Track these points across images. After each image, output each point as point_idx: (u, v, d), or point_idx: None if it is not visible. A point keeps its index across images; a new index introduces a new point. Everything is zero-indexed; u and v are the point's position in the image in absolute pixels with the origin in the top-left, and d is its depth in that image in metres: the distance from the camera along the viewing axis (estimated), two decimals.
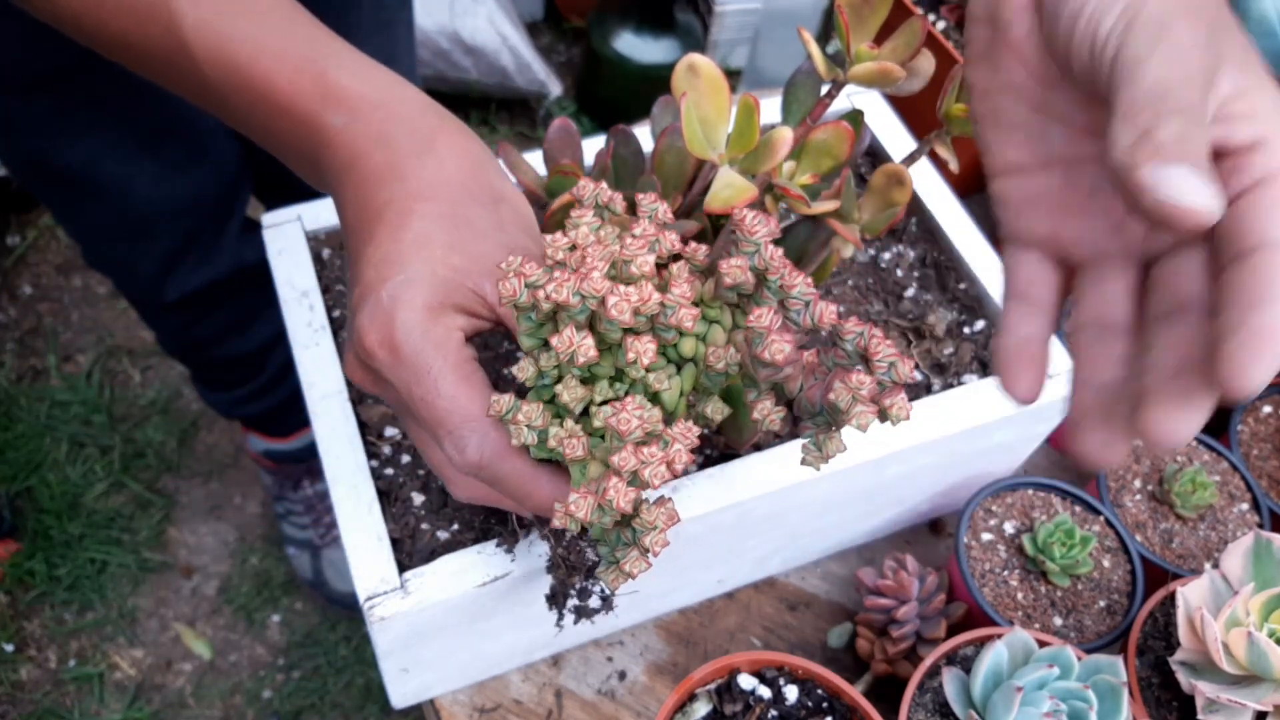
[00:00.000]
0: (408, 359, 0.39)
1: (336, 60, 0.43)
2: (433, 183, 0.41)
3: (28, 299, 1.66)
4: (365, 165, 0.42)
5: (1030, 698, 0.54)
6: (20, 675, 1.35)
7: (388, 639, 0.53)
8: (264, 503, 1.50)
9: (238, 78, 0.42)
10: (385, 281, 0.39)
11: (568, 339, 0.36)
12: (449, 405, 0.39)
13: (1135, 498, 0.70)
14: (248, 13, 0.43)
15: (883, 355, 0.36)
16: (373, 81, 0.43)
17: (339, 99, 0.42)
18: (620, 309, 0.35)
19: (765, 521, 0.60)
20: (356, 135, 0.42)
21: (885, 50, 0.46)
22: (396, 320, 0.39)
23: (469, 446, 0.40)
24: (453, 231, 0.40)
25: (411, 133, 0.42)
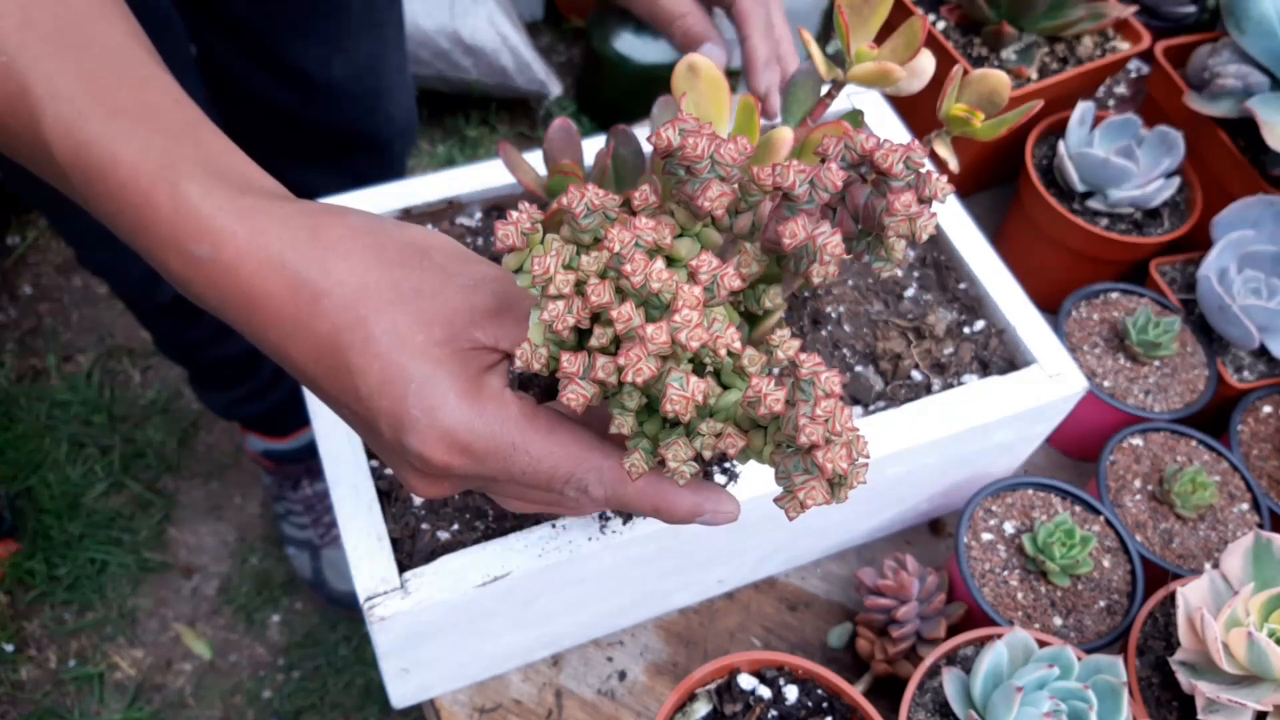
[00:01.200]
0: (486, 451, 0.37)
1: (189, 172, 0.38)
2: (352, 280, 0.37)
3: (28, 299, 1.66)
4: (271, 303, 0.37)
5: (1030, 698, 0.54)
6: (20, 675, 1.35)
7: (388, 639, 0.53)
8: (264, 503, 1.50)
9: (98, 184, 0.38)
10: (404, 401, 0.36)
11: (625, 314, 0.34)
12: (551, 462, 0.38)
13: (1135, 498, 0.70)
14: (105, 110, 0.38)
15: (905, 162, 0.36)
16: (227, 195, 0.38)
17: (195, 224, 0.37)
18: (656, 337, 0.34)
19: (765, 521, 0.60)
20: (235, 271, 0.37)
21: (885, 50, 0.46)
22: (448, 425, 0.36)
23: (590, 486, 0.38)
24: (413, 309, 0.37)
25: (290, 242, 0.37)
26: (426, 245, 0.39)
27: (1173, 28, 0.96)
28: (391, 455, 0.39)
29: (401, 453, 0.38)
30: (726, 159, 0.36)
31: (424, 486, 0.40)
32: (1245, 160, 0.80)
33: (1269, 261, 0.76)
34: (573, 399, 0.34)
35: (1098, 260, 0.81)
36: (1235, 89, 0.78)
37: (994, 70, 0.47)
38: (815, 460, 0.33)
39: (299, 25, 0.90)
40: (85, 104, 0.38)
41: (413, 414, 0.36)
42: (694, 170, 0.36)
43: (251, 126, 1.02)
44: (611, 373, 0.34)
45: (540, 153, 0.56)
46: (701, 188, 0.36)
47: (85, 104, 0.38)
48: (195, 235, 0.37)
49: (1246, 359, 0.78)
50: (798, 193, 0.35)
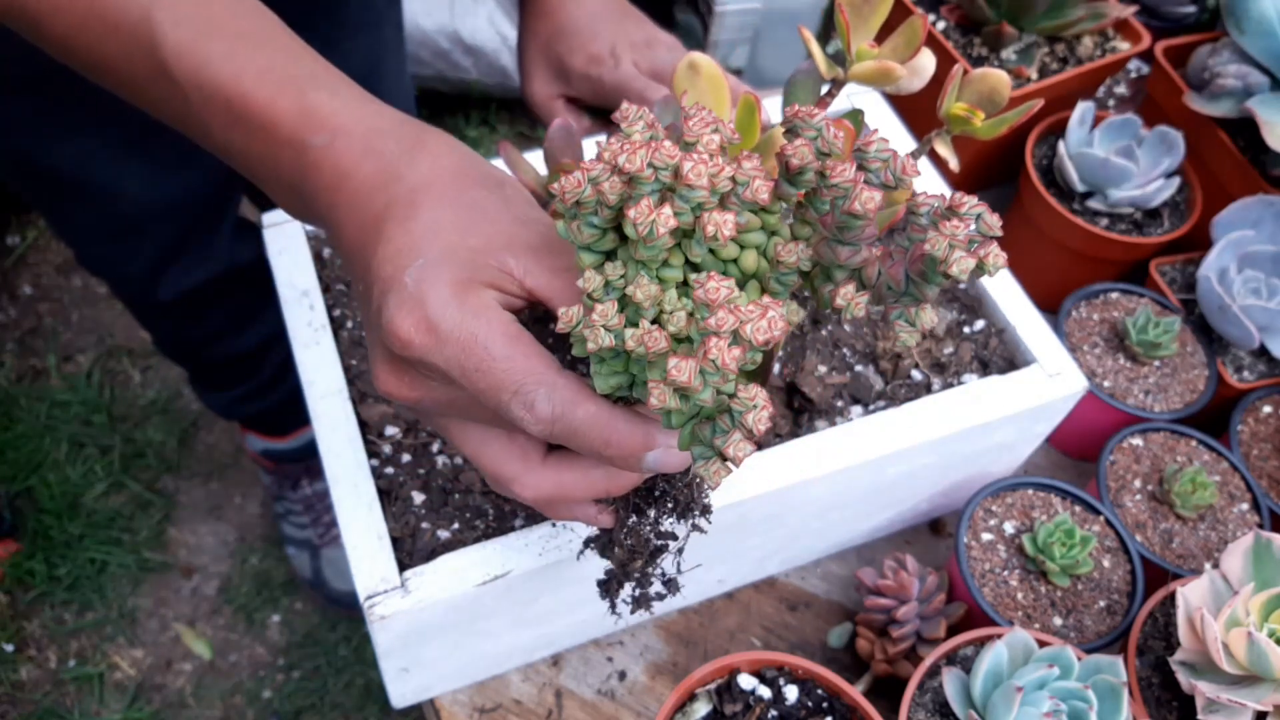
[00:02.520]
0: (450, 334, 0.37)
1: (315, 81, 0.42)
2: (430, 176, 0.40)
3: (28, 299, 1.66)
4: (356, 179, 0.41)
5: (1030, 698, 0.54)
6: (20, 675, 1.35)
7: (388, 638, 0.53)
8: (264, 503, 1.50)
9: (218, 100, 0.41)
10: (403, 270, 0.38)
11: (645, 209, 0.33)
12: (506, 365, 0.37)
13: (1135, 498, 0.70)
14: (228, 33, 0.42)
15: (968, 208, 0.35)
16: (352, 100, 0.42)
17: (320, 119, 0.41)
18: (698, 173, 0.33)
19: (765, 521, 0.60)
20: (341, 153, 0.41)
21: (885, 49, 0.46)
22: (428, 300, 0.37)
23: (538, 401, 0.37)
24: (463, 215, 0.40)
25: (398, 140, 0.41)
26: (503, 180, 0.43)
27: (1173, 28, 0.96)
28: (371, 329, 0.41)
29: (378, 323, 0.39)
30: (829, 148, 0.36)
31: (385, 373, 0.41)
32: (1245, 160, 0.80)
33: (1269, 261, 0.76)
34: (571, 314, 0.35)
35: (1098, 260, 0.81)
36: (1235, 89, 0.78)
37: (994, 70, 0.47)
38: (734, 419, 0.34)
39: (297, 26, 0.89)
40: (206, 28, 0.41)
41: (402, 279, 0.38)
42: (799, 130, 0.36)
43: None
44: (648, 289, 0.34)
45: (540, 152, 0.56)
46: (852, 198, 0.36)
47: (206, 28, 0.41)
48: (317, 127, 0.41)
49: (1246, 359, 0.78)
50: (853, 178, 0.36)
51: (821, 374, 0.62)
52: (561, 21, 0.70)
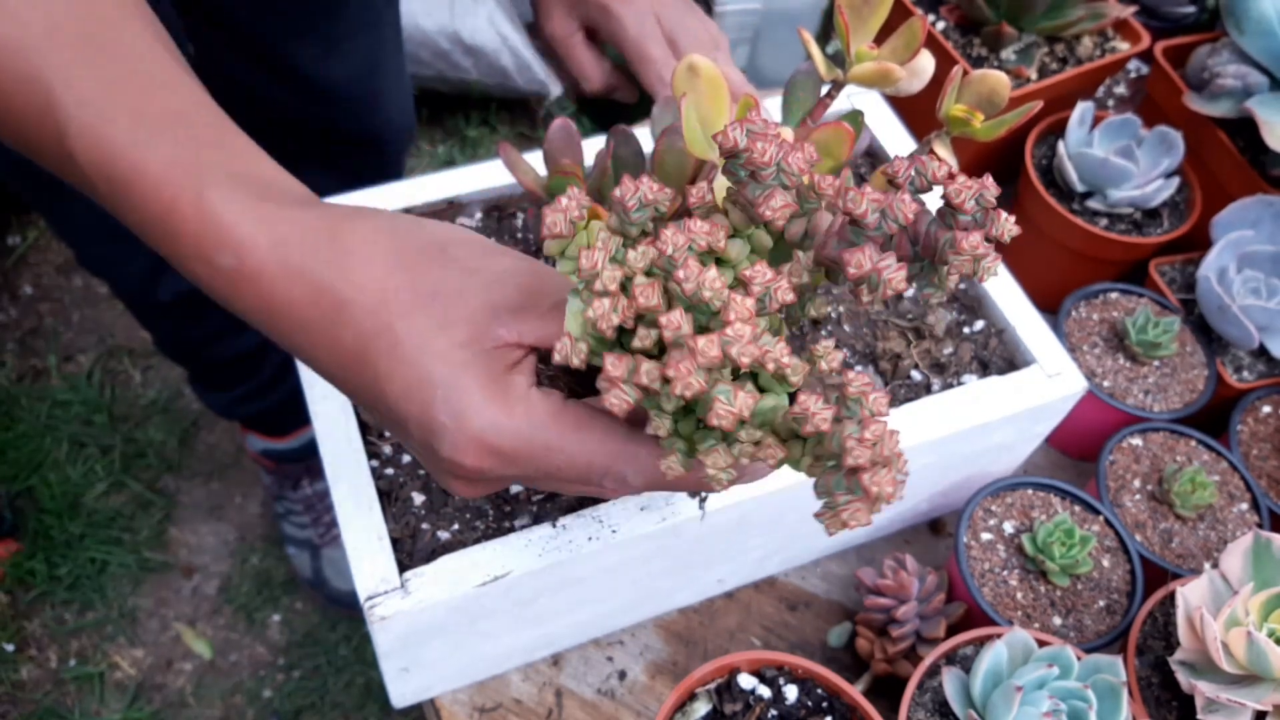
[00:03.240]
0: (517, 451, 0.37)
1: (214, 178, 0.38)
2: (374, 284, 0.37)
3: (28, 299, 1.66)
4: (293, 313, 0.38)
5: (1030, 697, 0.54)
6: (21, 675, 1.35)
7: (388, 638, 0.53)
8: (264, 502, 1.50)
9: (124, 195, 0.38)
10: (431, 407, 0.36)
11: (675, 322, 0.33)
12: (585, 458, 0.37)
13: (1135, 497, 0.70)
14: (131, 114, 0.38)
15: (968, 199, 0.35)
16: (250, 203, 0.38)
17: (220, 232, 0.37)
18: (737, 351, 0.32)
19: (765, 521, 0.60)
20: (256, 279, 0.37)
21: (885, 50, 0.46)
22: (479, 429, 0.36)
23: (628, 477, 0.38)
24: (435, 310, 0.37)
25: (313, 250, 0.37)
26: (446, 242, 0.39)
27: (1172, 28, 0.96)
28: (424, 458, 0.39)
29: (434, 457, 0.38)
30: (793, 168, 0.35)
31: (461, 487, 0.40)
32: (1244, 160, 0.80)
33: (1268, 261, 0.76)
34: (616, 405, 0.33)
35: (1097, 260, 0.81)
36: (1234, 89, 0.78)
37: (993, 70, 0.47)
38: (860, 482, 0.32)
39: (296, 25, 0.90)
40: (111, 111, 0.37)
41: (441, 419, 0.36)
42: (759, 176, 0.35)
43: (249, 126, 1.02)
44: (656, 380, 0.33)
45: (540, 153, 0.56)
46: (765, 195, 0.35)
47: (111, 111, 0.37)
48: (219, 244, 0.37)
49: (1246, 359, 0.78)
50: (868, 221, 0.34)
51: None
52: None
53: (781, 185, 0.35)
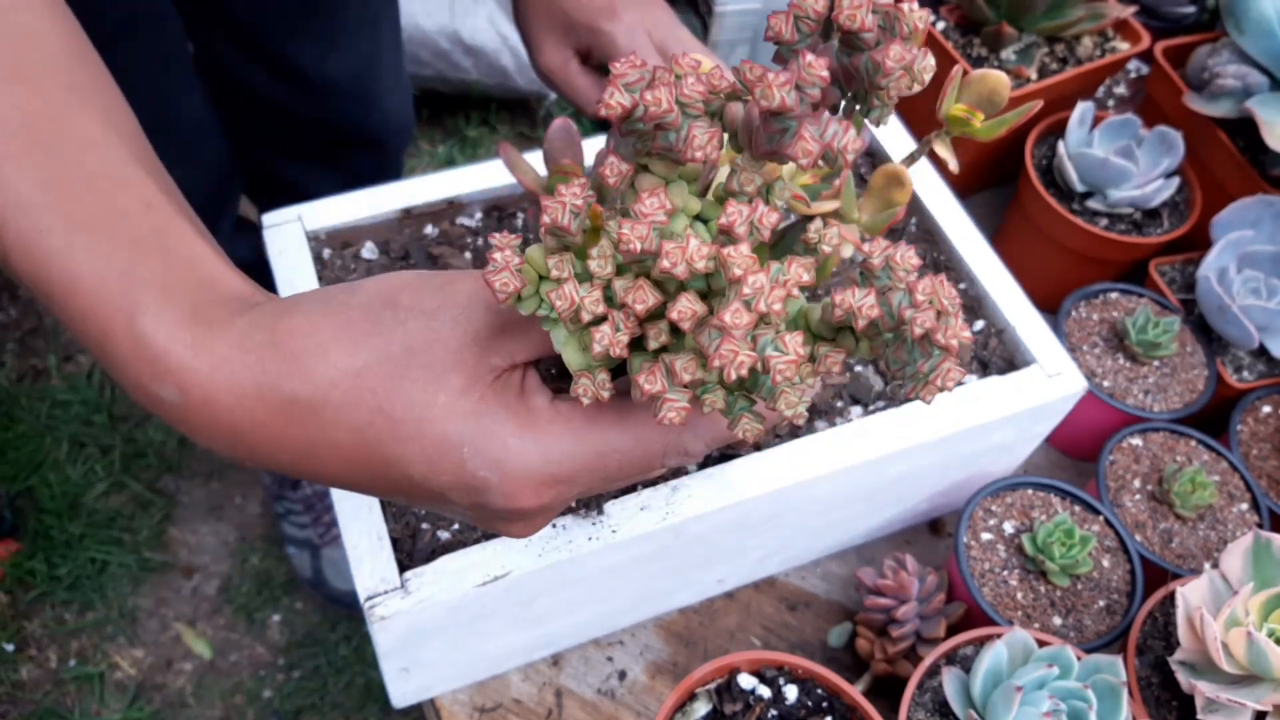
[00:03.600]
0: (574, 472, 0.35)
1: (146, 296, 0.34)
2: (345, 374, 0.34)
3: (29, 299, 1.66)
4: (266, 433, 0.35)
5: (1030, 697, 0.54)
6: (21, 675, 1.35)
7: (388, 638, 0.53)
8: (264, 502, 1.50)
9: (59, 308, 0.35)
10: (464, 468, 0.34)
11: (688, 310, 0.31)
12: (644, 448, 0.36)
13: (1135, 497, 0.70)
14: (66, 223, 0.35)
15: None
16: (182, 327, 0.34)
17: (154, 364, 0.34)
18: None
19: (765, 521, 0.60)
20: (213, 409, 0.34)
21: None
22: (525, 467, 0.34)
23: (690, 446, 0.37)
24: (417, 373, 0.34)
25: (260, 368, 0.34)
26: (389, 295, 0.36)
27: (1172, 28, 0.96)
28: (478, 518, 0.37)
29: (486, 513, 0.36)
30: (692, 97, 0.33)
31: (524, 529, 0.38)
32: (1245, 160, 0.80)
33: (1268, 261, 0.76)
34: (674, 416, 0.32)
35: (1097, 260, 0.81)
36: (1235, 89, 0.78)
37: (994, 70, 0.47)
38: (937, 343, 0.31)
39: (296, 23, 0.90)
40: (47, 216, 0.35)
41: (481, 475, 0.34)
42: (666, 125, 0.33)
43: (248, 123, 1.02)
44: (697, 370, 0.31)
45: (540, 153, 0.56)
46: (687, 141, 0.33)
47: (47, 216, 0.35)
48: (156, 375, 0.34)
49: (1246, 359, 0.78)
50: (789, 107, 0.32)
51: None
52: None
53: (692, 118, 0.33)
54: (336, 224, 0.64)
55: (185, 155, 0.91)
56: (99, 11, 0.75)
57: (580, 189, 0.33)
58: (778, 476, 0.56)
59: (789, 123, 0.33)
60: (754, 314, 0.30)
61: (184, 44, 0.89)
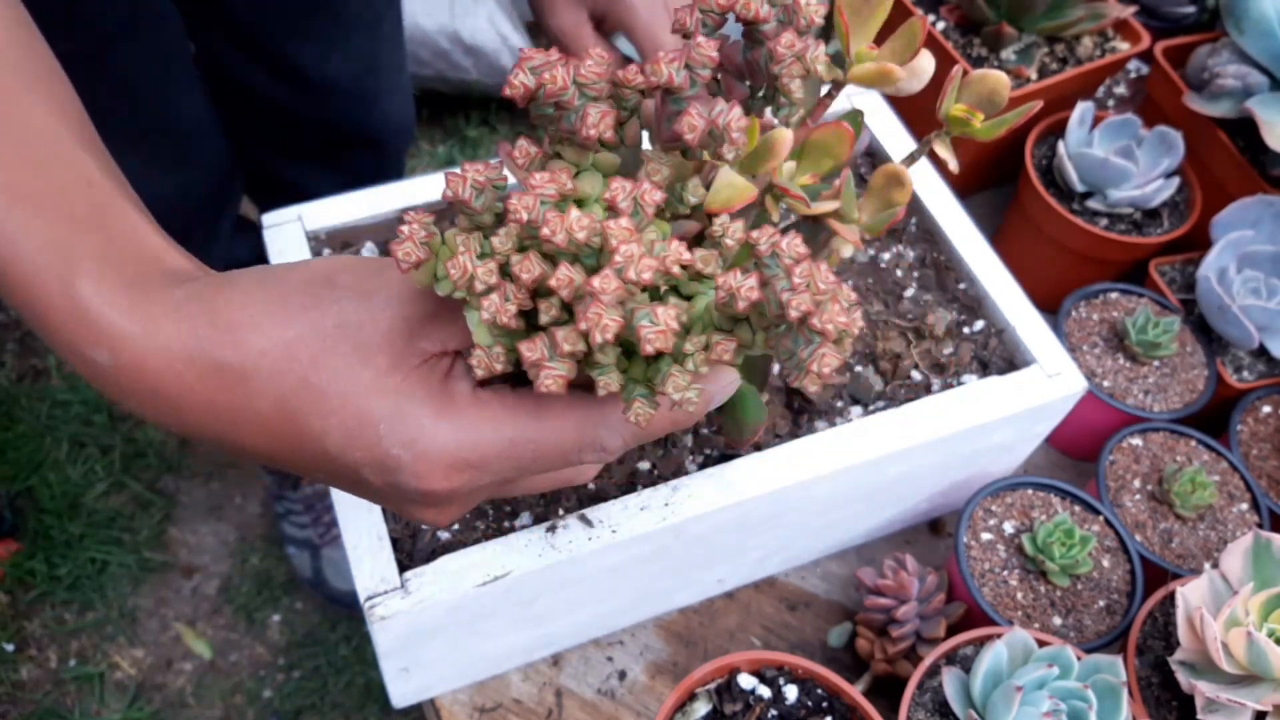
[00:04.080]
0: (486, 458, 0.36)
1: (85, 264, 0.35)
2: (276, 345, 0.35)
3: None
4: (194, 399, 0.35)
5: (1030, 697, 0.54)
6: (21, 675, 1.35)
7: (388, 638, 0.53)
8: (264, 503, 1.50)
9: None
10: (380, 445, 0.35)
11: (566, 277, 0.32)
12: (558, 439, 0.36)
13: (1135, 497, 0.70)
14: (7, 197, 0.35)
15: None
16: (118, 293, 0.35)
17: (89, 328, 0.35)
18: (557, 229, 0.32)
19: (765, 521, 0.60)
20: (142, 372, 0.35)
21: (885, 51, 0.46)
22: (437, 448, 0.35)
23: (607, 442, 0.37)
24: (346, 349, 0.35)
25: (193, 334, 0.35)
26: (328, 274, 0.37)
27: (1172, 28, 0.96)
28: (389, 499, 0.38)
29: (399, 494, 0.36)
30: (590, 78, 0.34)
31: (436, 515, 0.38)
32: (1245, 160, 0.80)
33: (1268, 261, 0.76)
34: (550, 384, 0.32)
35: (1097, 260, 0.81)
36: (1234, 89, 0.78)
37: (993, 71, 0.47)
38: (813, 328, 0.32)
39: (297, 24, 0.90)
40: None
41: (394, 453, 0.35)
42: (564, 104, 0.34)
43: (249, 123, 1.02)
44: (577, 341, 0.32)
45: None
46: (580, 118, 0.34)
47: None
48: (90, 339, 0.35)
49: (1246, 359, 0.78)
50: (678, 84, 0.34)
51: None
52: None
53: (590, 100, 0.34)
54: (336, 224, 0.64)
55: (186, 155, 0.91)
56: (99, 12, 0.76)
57: (485, 167, 0.34)
58: (778, 476, 0.56)
59: (682, 103, 0.34)
60: (622, 281, 0.31)
61: (185, 44, 0.89)
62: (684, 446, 0.59)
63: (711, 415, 0.58)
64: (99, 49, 0.75)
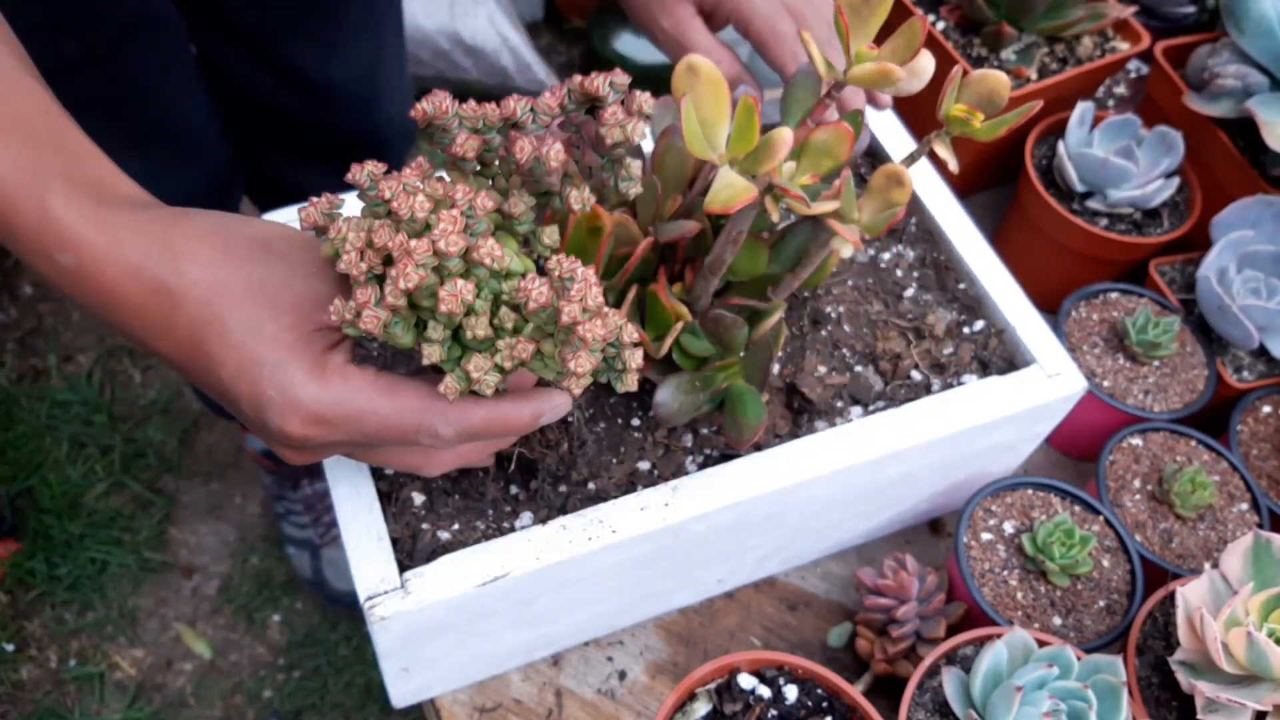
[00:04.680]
0: (338, 417, 0.42)
1: (53, 182, 0.41)
2: (204, 280, 0.41)
3: (28, 299, 1.66)
4: (130, 305, 0.41)
5: (1030, 697, 0.54)
6: (21, 675, 1.35)
7: (388, 638, 0.53)
8: (264, 502, 1.50)
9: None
10: (260, 384, 0.41)
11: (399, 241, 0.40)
12: (398, 417, 0.42)
13: (1135, 497, 0.70)
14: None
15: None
16: (87, 207, 0.41)
17: (58, 233, 0.41)
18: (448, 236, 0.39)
19: (765, 521, 0.60)
20: (95, 278, 0.41)
21: (885, 51, 0.46)
22: (301, 400, 0.41)
23: (439, 429, 0.43)
24: (262, 301, 0.42)
25: (146, 251, 0.41)
26: (269, 238, 0.44)
27: (1172, 28, 0.96)
28: (258, 430, 0.43)
29: (266, 429, 0.42)
30: (468, 113, 0.43)
31: (291, 455, 0.44)
32: (1244, 160, 0.80)
33: (1268, 261, 0.76)
34: (369, 322, 0.40)
35: (1097, 260, 0.81)
36: (1234, 89, 0.78)
37: (993, 71, 0.47)
38: (579, 335, 0.39)
39: (298, 27, 0.90)
40: None
41: (268, 394, 0.41)
42: (447, 128, 0.43)
43: (251, 126, 1.02)
44: (400, 296, 0.39)
45: None
46: (453, 140, 0.43)
47: None
48: (59, 245, 0.41)
49: (1246, 359, 0.78)
50: (520, 119, 0.43)
51: (821, 375, 0.62)
52: None
53: (468, 130, 0.43)
54: None
55: (187, 155, 0.91)
56: (102, 14, 0.76)
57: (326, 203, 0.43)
58: (778, 476, 0.56)
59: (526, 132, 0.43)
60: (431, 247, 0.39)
61: (187, 46, 0.89)
62: (684, 446, 0.59)
63: (712, 415, 0.58)
64: (102, 51, 0.76)
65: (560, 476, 0.57)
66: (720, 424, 0.58)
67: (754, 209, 0.48)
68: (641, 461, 0.58)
